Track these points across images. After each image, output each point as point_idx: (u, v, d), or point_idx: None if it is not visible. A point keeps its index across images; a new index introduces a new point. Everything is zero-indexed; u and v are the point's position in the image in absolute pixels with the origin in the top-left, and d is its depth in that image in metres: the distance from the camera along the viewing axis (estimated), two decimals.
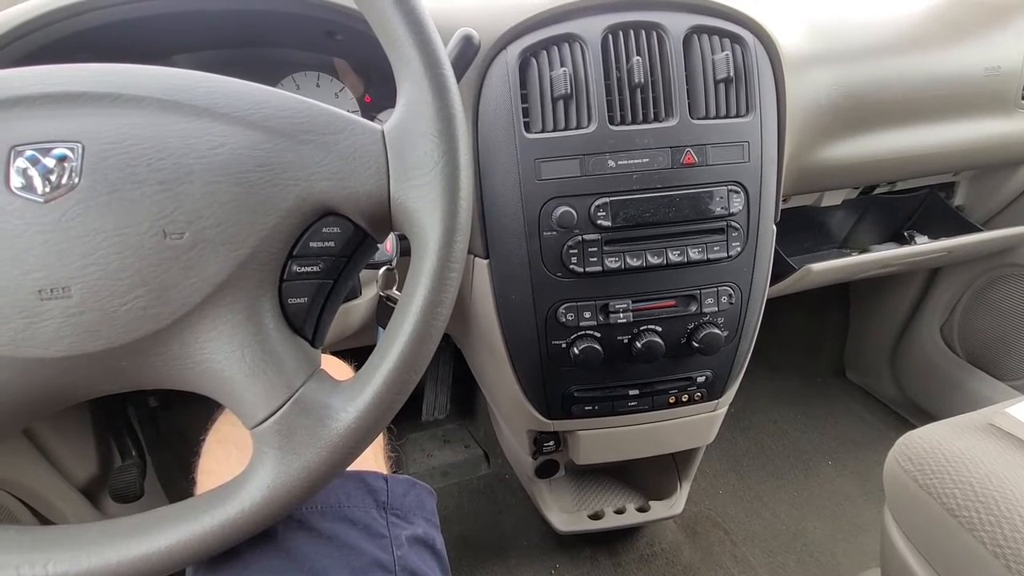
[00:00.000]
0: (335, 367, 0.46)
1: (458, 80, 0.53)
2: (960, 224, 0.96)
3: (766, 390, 1.30)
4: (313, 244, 0.31)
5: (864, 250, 0.96)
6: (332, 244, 0.32)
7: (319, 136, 0.31)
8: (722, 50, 0.57)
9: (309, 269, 0.31)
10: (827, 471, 1.12)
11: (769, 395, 1.30)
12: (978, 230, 0.93)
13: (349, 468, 0.32)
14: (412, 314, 0.30)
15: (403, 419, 1.23)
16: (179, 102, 0.30)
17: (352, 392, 0.30)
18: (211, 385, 0.30)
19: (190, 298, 0.29)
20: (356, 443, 0.30)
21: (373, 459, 0.41)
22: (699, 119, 0.57)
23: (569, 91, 0.54)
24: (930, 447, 0.56)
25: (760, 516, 1.04)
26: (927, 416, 1.18)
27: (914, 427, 0.61)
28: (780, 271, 0.82)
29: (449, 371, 1.18)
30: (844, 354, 1.39)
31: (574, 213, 0.56)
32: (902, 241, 0.97)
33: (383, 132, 0.31)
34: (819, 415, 1.26)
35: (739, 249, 0.61)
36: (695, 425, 0.74)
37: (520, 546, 1.00)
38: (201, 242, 0.28)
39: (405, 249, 0.47)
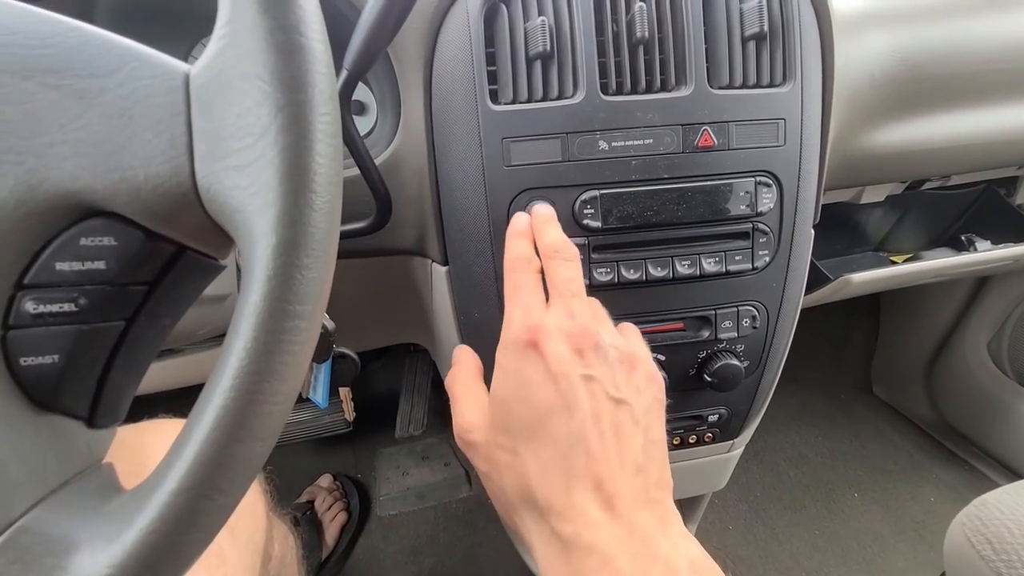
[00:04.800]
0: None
1: (395, 31, 0.39)
2: (1021, 225, 0.81)
3: (783, 408, 1.16)
4: (62, 266, 0.18)
5: (914, 256, 0.82)
6: (102, 265, 0.19)
7: (71, 78, 0.18)
8: None
9: (57, 308, 0.19)
10: (853, 505, 0.99)
11: (787, 413, 1.16)
12: None
13: None
14: (219, 395, 0.17)
15: (377, 432, 1.11)
16: None
17: (119, 518, 0.18)
18: None
19: None
20: None
21: None
22: (721, 88, 0.44)
23: (549, 48, 0.41)
24: (1014, 524, 0.43)
25: (776, 559, 0.91)
26: (965, 441, 1.03)
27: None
28: (812, 280, 0.68)
29: (427, 380, 1.05)
30: (872, 367, 1.25)
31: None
32: (954, 245, 0.83)
33: (187, 76, 0.18)
34: (844, 438, 1.12)
35: (767, 259, 0.47)
36: (703, 469, 0.61)
37: None
38: None
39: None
